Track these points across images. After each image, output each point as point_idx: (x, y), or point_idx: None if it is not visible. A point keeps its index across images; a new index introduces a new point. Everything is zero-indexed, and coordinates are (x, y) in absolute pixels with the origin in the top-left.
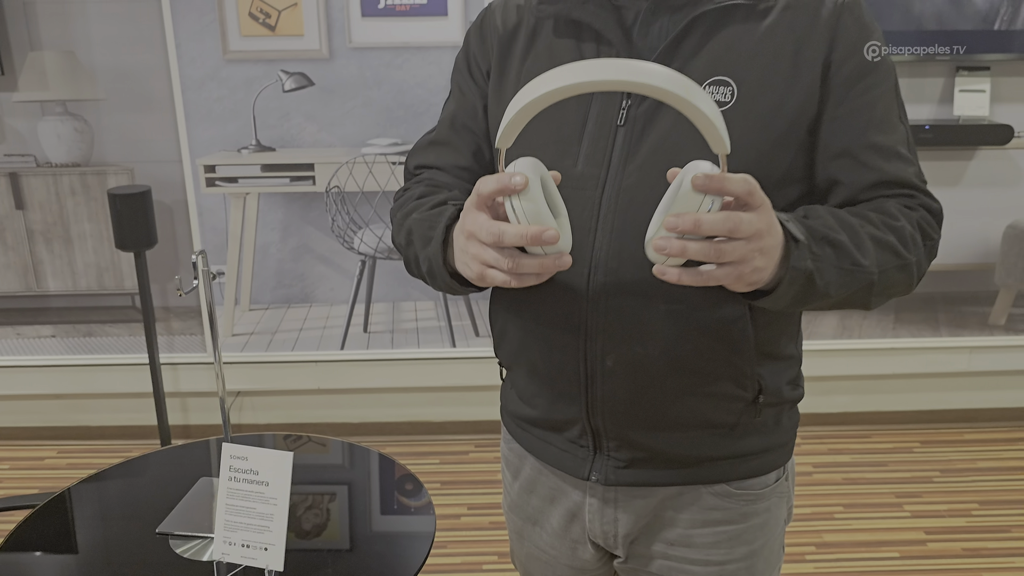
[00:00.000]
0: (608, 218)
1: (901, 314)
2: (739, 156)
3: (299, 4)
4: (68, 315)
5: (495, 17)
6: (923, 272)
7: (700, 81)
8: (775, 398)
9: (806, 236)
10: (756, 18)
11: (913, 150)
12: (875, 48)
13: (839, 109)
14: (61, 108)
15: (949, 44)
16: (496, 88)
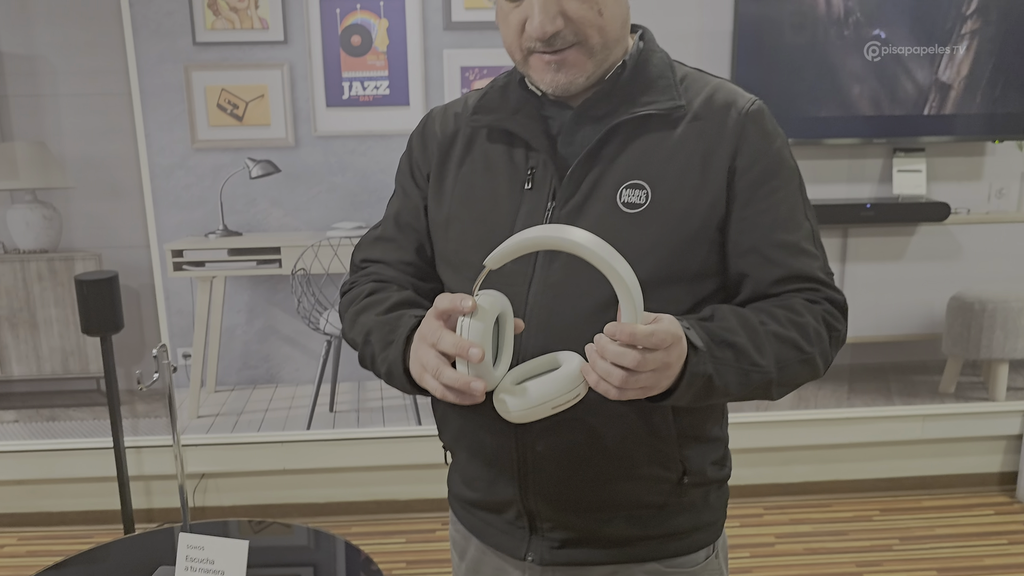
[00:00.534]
0: (535, 312)
1: (855, 384)
2: (655, 254)
3: (266, 95)
4: (32, 400)
5: (435, 124)
6: (829, 361)
7: (617, 185)
8: (700, 478)
9: (706, 342)
10: (669, 127)
11: (819, 245)
12: (778, 153)
13: (746, 210)
14: (31, 196)
15: (886, 128)
16: (435, 191)
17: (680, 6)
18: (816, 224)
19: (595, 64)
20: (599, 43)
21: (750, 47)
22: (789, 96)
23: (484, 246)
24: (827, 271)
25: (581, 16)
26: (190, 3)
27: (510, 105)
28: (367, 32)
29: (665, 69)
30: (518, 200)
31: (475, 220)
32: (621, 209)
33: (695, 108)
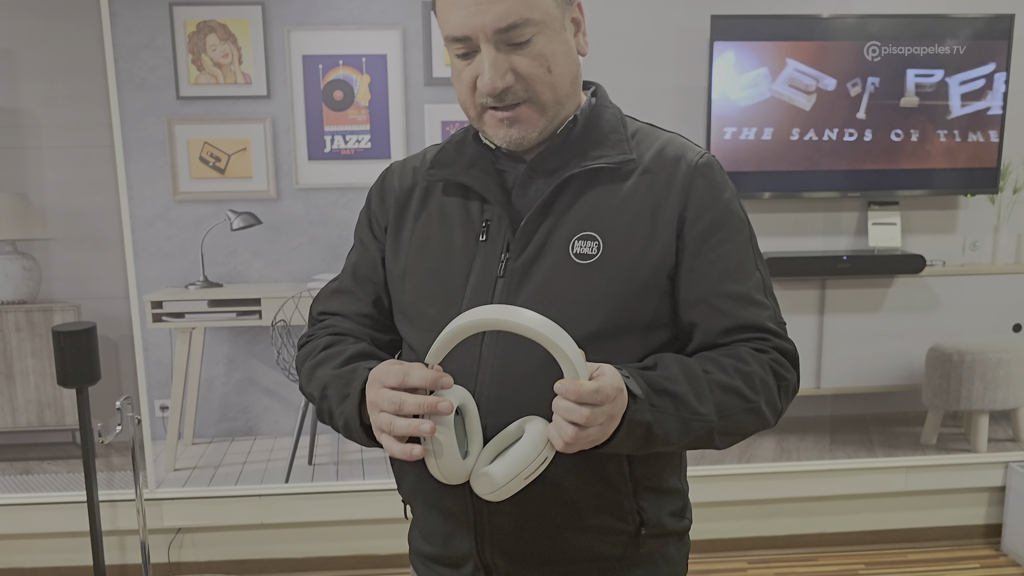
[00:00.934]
0: (488, 364)
1: (837, 435)
2: (606, 304)
3: (249, 148)
4: (6, 453)
5: (393, 178)
6: (779, 410)
7: (569, 236)
8: (658, 530)
9: (645, 391)
10: (619, 180)
11: (770, 295)
12: (727, 204)
13: (695, 261)
14: (10, 247)
15: (860, 182)
16: (393, 243)
17: (657, 62)
18: (767, 274)
19: (547, 120)
20: (550, 99)
21: (724, 104)
22: (765, 151)
23: (439, 298)
24: (778, 321)
25: (530, 73)
26: (174, 59)
27: (465, 159)
28: (349, 87)
29: (617, 124)
30: (473, 252)
31: (430, 272)
32: (573, 260)
33: (645, 161)
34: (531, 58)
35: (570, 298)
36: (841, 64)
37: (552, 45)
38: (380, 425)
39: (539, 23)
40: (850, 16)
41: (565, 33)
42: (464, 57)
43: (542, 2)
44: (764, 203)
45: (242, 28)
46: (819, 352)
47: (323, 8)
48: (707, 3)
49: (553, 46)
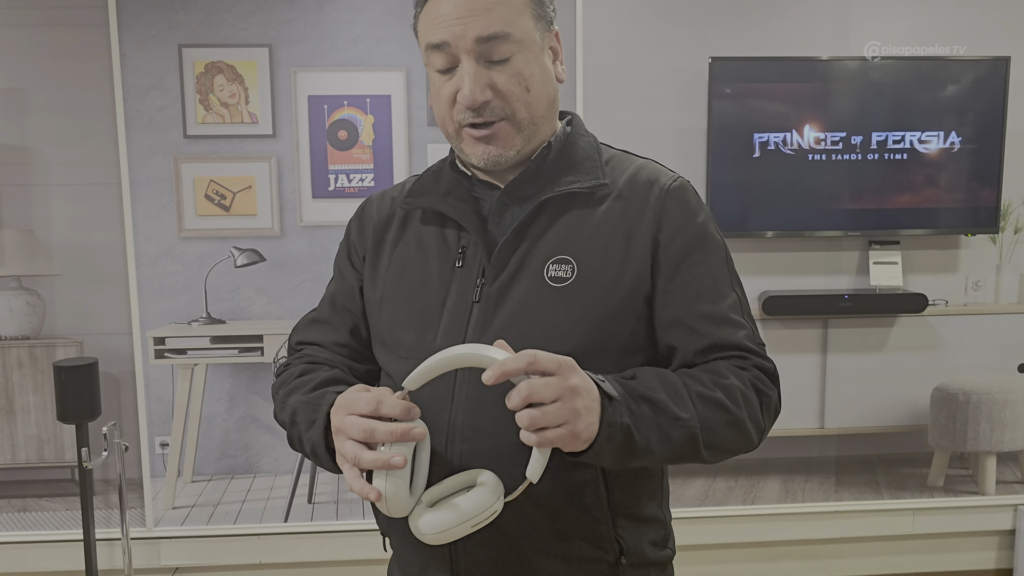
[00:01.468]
0: (463, 389)
1: (842, 476)
2: (580, 327)
3: (254, 186)
4: (4, 489)
5: (372, 208)
6: (763, 427)
7: (544, 260)
8: (639, 559)
9: (622, 395)
10: (594, 204)
11: (747, 315)
12: (702, 227)
13: (670, 283)
14: (16, 283)
15: (861, 221)
16: (371, 271)
17: (656, 102)
18: (744, 296)
19: (523, 139)
20: (526, 118)
21: (723, 143)
22: (765, 190)
23: (415, 324)
24: (756, 341)
25: (508, 90)
26: (183, 98)
27: (442, 187)
28: (354, 127)
29: (591, 151)
30: (449, 278)
31: (407, 299)
32: (548, 283)
33: (619, 186)
34: (509, 75)
35: (545, 321)
36: (841, 105)
37: (531, 65)
38: (345, 454)
39: (519, 41)
40: (849, 59)
41: (543, 57)
42: (444, 73)
43: (523, 23)
44: (765, 242)
45: (249, 69)
46: (823, 392)
47: (329, 50)
48: (706, 45)
49: (532, 67)
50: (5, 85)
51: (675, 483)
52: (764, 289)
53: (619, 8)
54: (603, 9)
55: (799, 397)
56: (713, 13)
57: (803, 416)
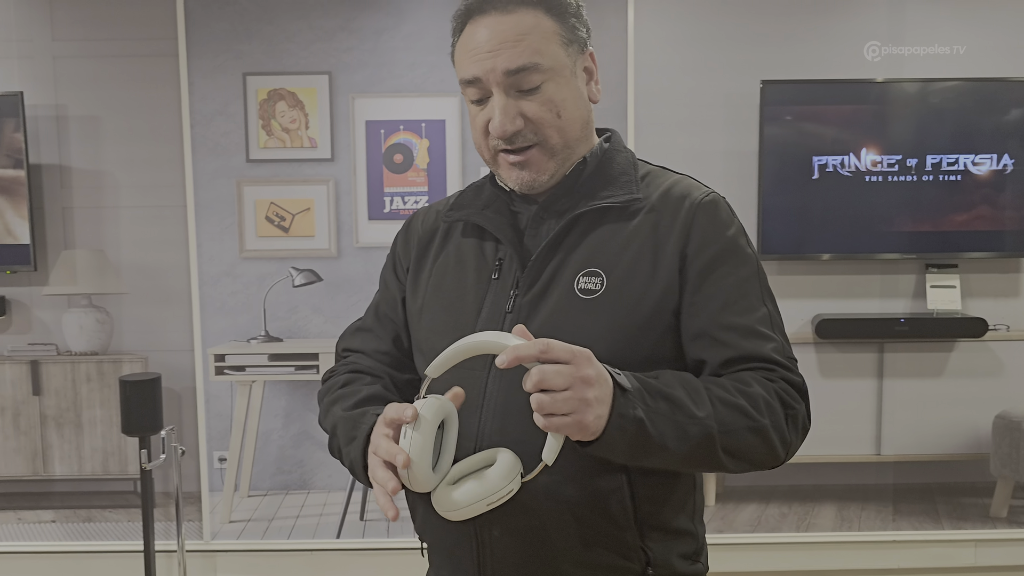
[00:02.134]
0: (492, 397)
1: (900, 505)
2: (607, 338)
3: (312, 209)
4: (70, 500)
5: (418, 222)
6: (788, 440)
7: (575, 272)
8: (666, 571)
9: (637, 388)
10: (626, 218)
11: (778, 330)
12: (732, 240)
13: (696, 296)
14: (86, 301)
15: (918, 244)
16: (413, 282)
17: (707, 125)
18: (775, 311)
19: (556, 163)
20: (559, 143)
21: (775, 166)
22: (817, 212)
23: (450, 333)
24: (786, 355)
25: (539, 117)
26: (246, 124)
27: (482, 201)
28: (409, 151)
29: (628, 167)
30: (485, 289)
31: (444, 308)
32: (578, 295)
33: (652, 201)
34: (540, 103)
35: (572, 331)
36: (896, 127)
37: (562, 91)
38: (371, 469)
39: (548, 70)
40: (905, 80)
41: (575, 80)
42: (478, 103)
43: (551, 51)
44: (819, 264)
45: (310, 95)
46: (879, 417)
47: (386, 76)
48: (758, 68)
49: (563, 92)
50: (81, 112)
51: (726, 508)
52: (818, 312)
53: (670, 32)
54: (654, 33)
55: (854, 422)
56: (764, 36)
57: (859, 442)
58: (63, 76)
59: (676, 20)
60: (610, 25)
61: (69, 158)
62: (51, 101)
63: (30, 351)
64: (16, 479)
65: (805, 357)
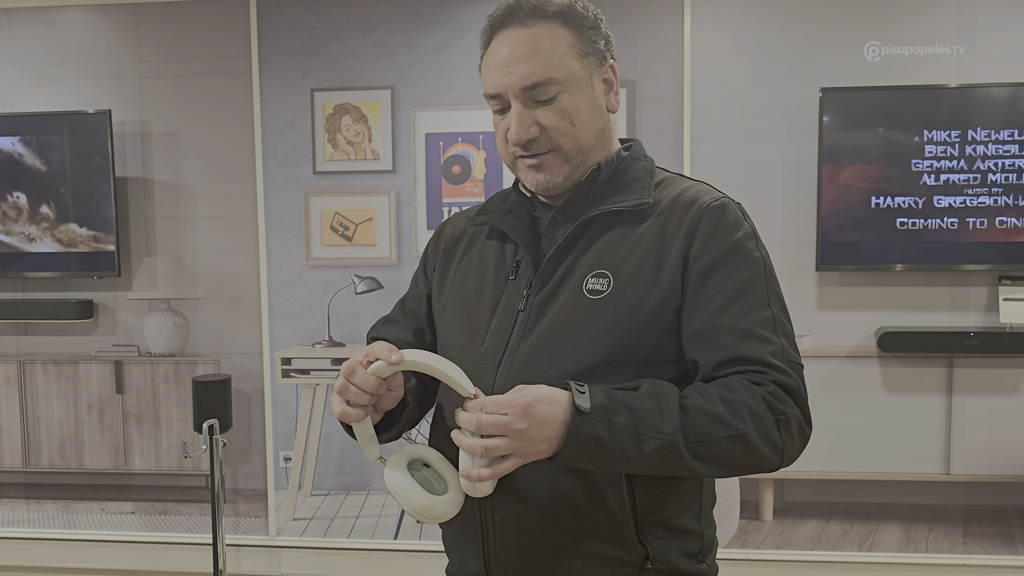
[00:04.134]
0: (502, 388)
1: (970, 527)
2: (608, 337)
3: (374, 218)
4: (148, 493)
5: (449, 225)
6: (780, 445)
7: (585, 274)
8: (666, 567)
9: (601, 405)
10: (637, 222)
11: (780, 333)
12: (737, 244)
13: (696, 297)
14: (165, 305)
15: (990, 255)
16: (439, 282)
17: (765, 135)
18: (782, 314)
19: (571, 167)
20: (572, 149)
21: (836, 175)
22: (881, 222)
23: (466, 328)
24: (784, 358)
25: (553, 126)
26: (313, 138)
27: (505, 207)
28: (467, 162)
29: (643, 174)
30: (501, 289)
31: (463, 305)
32: (585, 295)
33: (663, 205)
34: (555, 113)
35: (577, 330)
36: (964, 130)
37: (576, 101)
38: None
39: (563, 82)
40: (978, 85)
41: (592, 91)
42: (500, 113)
43: (566, 65)
44: (883, 276)
45: (373, 109)
46: (948, 435)
47: (445, 91)
48: (816, 76)
49: (577, 102)
50: (162, 128)
51: (784, 524)
52: (881, 325)
53: (726, 42)
54: (710, 43)
55: (921, 440)
56: (822, 43)
57: (926, 460)
58: (147, 95)
59: (733, 29)
60: (666, 35)
61: (152, 171)
62: (136, 118)
63: (114, 352)
64: (100, 472)
65: (868, 371)
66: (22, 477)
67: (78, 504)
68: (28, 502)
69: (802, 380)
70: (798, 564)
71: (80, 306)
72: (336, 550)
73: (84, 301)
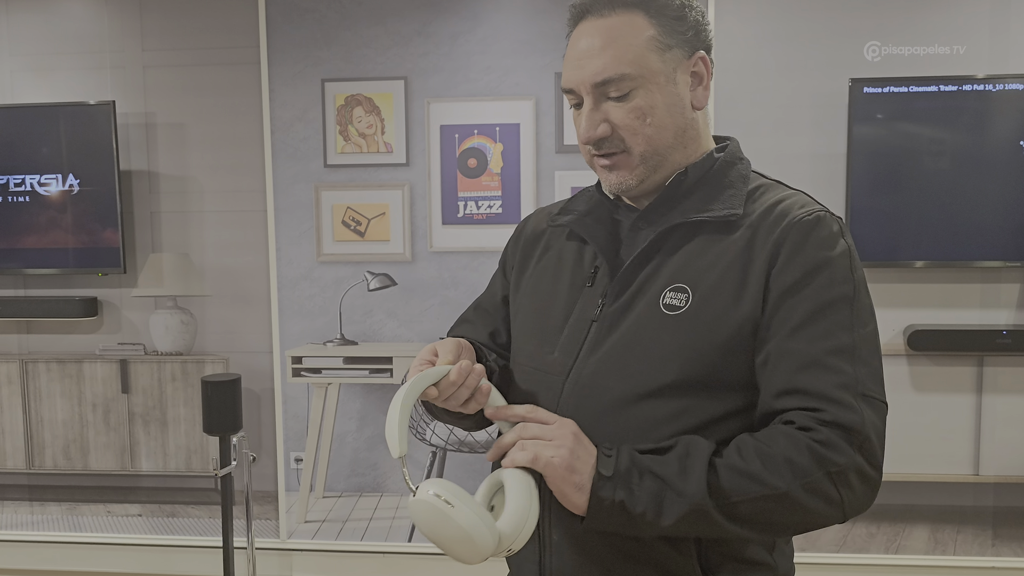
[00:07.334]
0: (568, 401)
1: (1000, 529)
2: (680, 357)
3: (387, 213)
4: (155, 495)
5: (530, 223)
6: (836, 498)
7: (663, 286)
8: None
9: (624, 469)
10: (722, 233)
11: (860, 361)
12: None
13: (772, 319)
14: (172, 303)
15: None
16: (516, 282)
17: (792, 127)
18: (865, 343)
19: (647, 168)
20: (646, 150)
21: (864, 169)
22: (911, 217)
23: (537, 335)
24: (856, 390)
25: (625, 124)
26: (324, 130)
27: (586, 208)
28: (483, 155)
29: (737, 179)
30: (577, 295)
31: (536, 311)
32: (662, 310)
33: (753, 217)
34: (627, 110)
35: (648, 347)
36: (995, 123)
37: (652, 98)
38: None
39: (637, 78)
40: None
41: (674, 87)
42: (576, 107)
43: (642, 58)
44: (913, 272)
45: (386, 101)
46: (977, 435)
47: (461, 81)
48: (846, 67)
49: (653, 99)
50: (168, 120)
51: None
52: (910, 323)
53: (752, 32)
54: (735, 33)
55: (950, 440)
56: (851, 33)
57: (954, 461)
58: (152, 85)
59: (758, 19)
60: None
61: (157, 164)
62: (141, 109)
63: (119, 350)
64: (106, 473)
65: (896, 370)
66: (25, 479)
67: (83, 506)
68: (32, 504)
69: (878, 416)
70: (824, 567)
71: (84, 303)
72: (349, 553)
73: (88, 298)
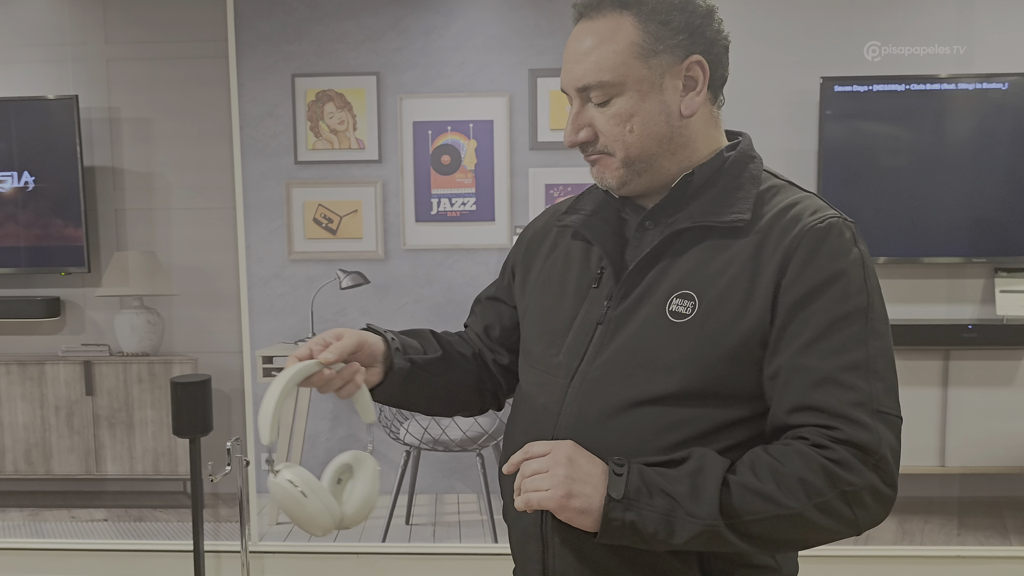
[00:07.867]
0: (571, 405)
1: (965, 519)
2: (686, 367)
3: (360, 211)
4: (122, 499)
5: (539, 220)
6: (849, 517)
7: (669, 292)
8: None
9: (636, 489)
10: (730, 238)
11: (875, 376)
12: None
13: (783, 332)
14: (138, 302)
15: (986, 247)
16: (521, 281)
17: (764, 124)
18: (879, 357)
19: (629, 172)
20: (628, 156)
21: (835, 166)
22: (880, 213)
23: (543, 337)
24: (871, 407)
25: (606, 130)
26: (294, 126)
27: (592, 207)
28: (456, 152)
29: (747, 182)
30: (583, 297)
31: (543, 312)
32: (667, 317)
33: (762, 223)
34: (608, 116)
35: (652, 355)
36: (961, 122)
37: (634, 105)
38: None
39: (617, 85)
40: (969, 76)
41: (659, 94)
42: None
43: (623, 65)
44: (881, 268)
45: (358, 96)
46: (943, 428)
47: (434, 77)
48: (817, 65)
49: (635, 106)
50: (133, 115)
51: None
52: None
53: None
54: None
55: (917, 433)
56: (823, 32)
57: (921, 453)
58: (116, 79)
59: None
60: None
61: (122, 160)
62: (104, 104)
63: (83, 351)
64: (70, 478)
65: None
66: None
67: (46, 512)
68: None
69: (893, 433)
70: None
71: (46, 304)
72: (322, 554)
73: (50, 298)
